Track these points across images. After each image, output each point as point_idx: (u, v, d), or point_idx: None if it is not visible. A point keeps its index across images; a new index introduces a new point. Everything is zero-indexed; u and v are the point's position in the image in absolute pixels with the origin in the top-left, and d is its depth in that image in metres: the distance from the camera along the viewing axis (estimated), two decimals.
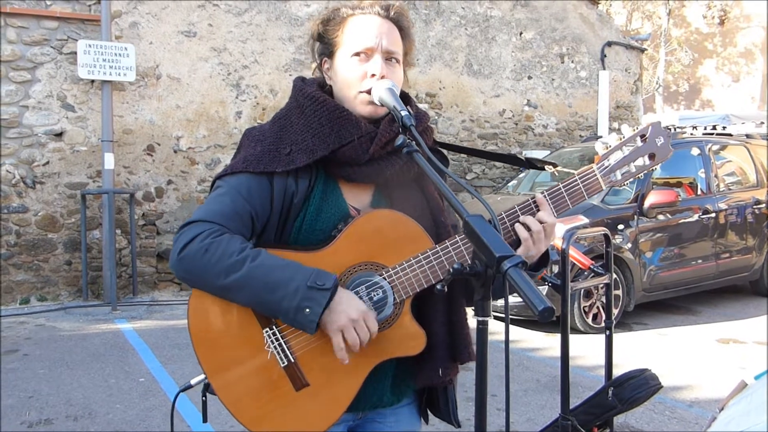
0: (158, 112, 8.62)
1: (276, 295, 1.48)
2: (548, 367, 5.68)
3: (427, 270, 1.59)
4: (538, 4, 11.44)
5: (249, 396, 1.59)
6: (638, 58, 12.85)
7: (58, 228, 8.16)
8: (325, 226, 1.64)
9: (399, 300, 1.60)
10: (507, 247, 1.21)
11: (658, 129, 1.70)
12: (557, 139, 11.63)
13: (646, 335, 6.78)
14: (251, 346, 1.58)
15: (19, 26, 7.87)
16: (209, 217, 1.57)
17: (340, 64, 1.68)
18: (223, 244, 1.51)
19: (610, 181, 1.69)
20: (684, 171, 8.14)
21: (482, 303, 1.28)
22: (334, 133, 1.62)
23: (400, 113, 1.52)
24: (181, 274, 1.55)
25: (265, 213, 1.62)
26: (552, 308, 1.09)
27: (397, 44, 1.69)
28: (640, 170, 1.70)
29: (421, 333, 1.63)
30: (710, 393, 5.05)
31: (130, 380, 5.28)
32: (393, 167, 1.65)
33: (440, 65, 10.55)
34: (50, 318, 7.37)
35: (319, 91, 1.70)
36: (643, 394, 2.83)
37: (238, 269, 1.49)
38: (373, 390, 1.68)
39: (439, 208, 1.73)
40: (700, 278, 7.76)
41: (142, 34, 8.48)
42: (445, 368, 1.68)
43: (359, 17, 1.67)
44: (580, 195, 1.68)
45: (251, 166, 1.62)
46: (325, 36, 1.71)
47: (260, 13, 9.17)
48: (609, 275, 3.26)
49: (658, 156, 1.70)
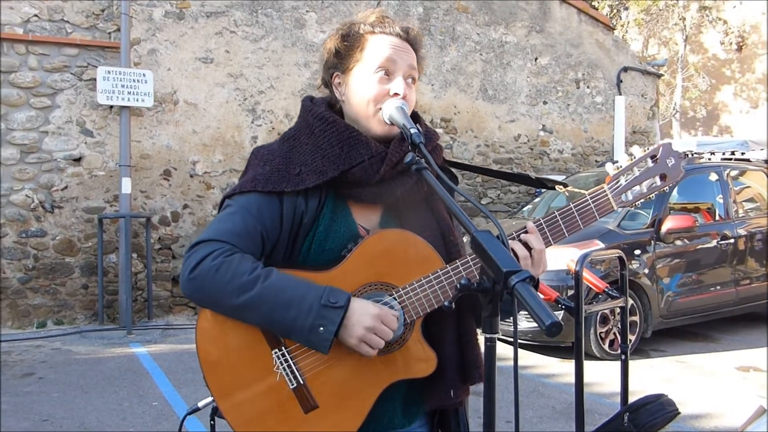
0: (175, 137, 8.70)
1: (289, 314, 1.48)
2: (563, 393, 5.60)
3: (438, 290, 1.57)
4: (553, 30, 11.49)
5: (257, 419, 1.56)
6: (655, 83, 12.83)
7: (76, 252, 8.22)
8: (334, 245, 1.62)
9: (409, 321, 1.58)
10: (515, 262, 1.20)
11: (669, 150, 1.69)
12: (573, 164, 11.59)
13: (664, 362, 6.68)
14: (260, 368, 1.56)
15: (40, 53, 8.01)
16: (219, 236, 1.56)
17: (358, 80, 1.67)
18: (234, 264, 1.50)
19: (622, 202, 1.67)
20: (702, 196, 8.06)
21: (490, 320, 1.27)
22: (344, 154, 1.61)
23: (410, 131, 1.52)
24: (192, 294, 1.55)
25: (275, 232, 1.61)
26: (560, 323, 1.08)
27: (415, 66, 1.70)
28: (651, 191, 1.69)
29: (432, 355, 1.61)
30: (730, 421, 4.95)
31: (143, 404, 5.27)
32: (403, 187, 1.65)
33: (455, 90, 10.59)
34: (66, 342, 7.39)
35: (328, 111, 1.70)
36: (660, 420, 2.78)
37: (250, 289, 1.48)
38: (383, 412, 1.65)
39: (449, 228, 1.72)
40: (719, 305, 7.64)
41: (160, 61, 8.59)
42: (456, 390, 1.66)
43: (381, 36, 1.68)
44: (591, 215, 1.66)
45: (260, 185, 1.61)
46: (342, 51, 1.70)
47: (276, 39, 9.28)
48: (624, 298, 3.22)
49: (669, 177, 1.69)
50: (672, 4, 24.62)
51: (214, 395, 1.59)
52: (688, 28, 25.33)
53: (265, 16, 9.20)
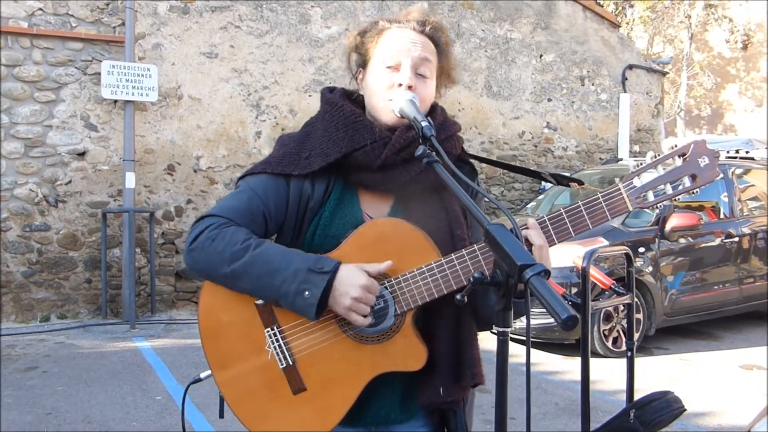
0: (179, 132, 8.70)
1: (276, 279, 1.51)
2: (567, 390, 5.60)
3: (431, 284, 1.55)
4: (558, 26, 11.46)
5: (249, 394, 1.60)
6: (660, 81, 12.80)
7: (79, 246, 8.22)
8: (338, 232, 1.64)
9: (400, 312, 1.57)
10: (529, 255, 1.19)
11: (703, 148, 1.57)
12: (577, 161, 11.57)
13: (668, 360, 6.67)
14: (253, 345, 1.59)
15: (44, 47, 8.00)
16: (221, 212, 1.62)
17: (371, 74, 1.70)
18: (228, 234, 1.56)
19: (642, 202, 1.55)
20: (706, 194, 8.01)
21: (503, 314, 1.26)
22: (347, 137, 1.64)
23: (420, 124, 1.51)
24: (192, 264, 1.60)
25: (280, 214, 1.66)
26: (576, 317, 1.07)
27: (429, 59, 1.68)
28: (679, 192, 1.56)
29: (422, 349, 1.59)
30: (734, 419, 4.94)
31: (147, 398, 5.27)
32: (408, 174, 1.63)
33: (460, 87, 10.56)
34: (70, 336, 7.40)
35: (339, 97, 1.74)
36: (666, 417, 2.76)
37: (240, 256, 1.53)
38: (380, 405, 1.66)
39: (459, 223, 1.68)
40: (722, 303, 7.63)
41: (164, 56, 8.58)
42: (446, 388, 1.62)
43: (395, 30, 1.69)
44: (602, 214, 1.55)
45: (270, 167, 1.67)
46: (361, 47, 1.73)
47: (281, 34, 9.26)
48: (631, 295, 3.21)
49: (700, 178, 1.55)
50: (677, 2, 24.56)
51: (210, 366, 1.62)
52: (693, 25, 25.29)
53: (270, 11, 9.19)
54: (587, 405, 2.86)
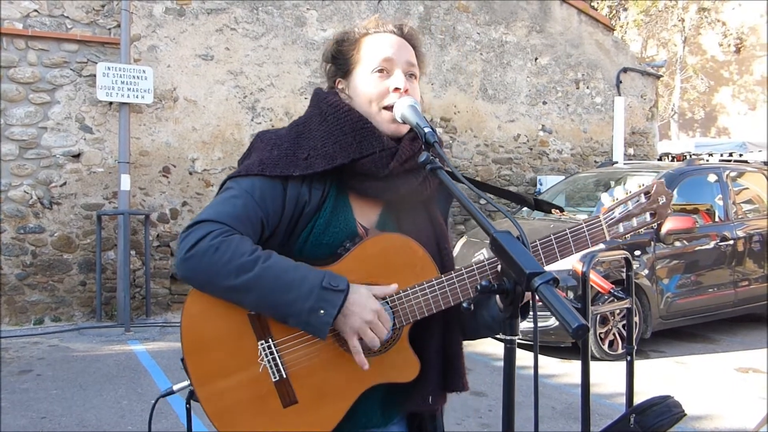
0: (174, 134, 8.67)
1: (289, 296, 1.46)
2: (564, 394, 5.59)
3: (431, 299, 1.56)
4: (553, 30, 11.48)
5: (234, 408, 1.55)
6: (654, 84, 12.84)
7: (74, 249, 8.19)
8: (331, 240, 1.61)
9: (399, 326, 1.58)
10: (536, 263, 1.18)
11: (662, 189, 1.73)
12: (572, 164, 11.60)
13: (664, 363, 6.68)
14: (243, 358, 1.54)
15: (39, 49, 7.97)
16: (219, 218, 1.53)
17: (359, 81, 1.67)
18: (234, 244, 1.48)
19: (615, 233, 1.69)
20: (701, 197, 8.05)
21: (510, 321, 1.25)
22: (356, 143, 1.60)
23: (424, 130, 1.51)
24: (187, 273, 1.50)
25: (276, 218, 1.59)
26: (587, 326, 1.06)
27: (414, 62, 1.70)
28: (641, 225, 1.73)
29: (416, 361, 1.61)
30: (730, 422, 4.95)
31: (142, 401, 5.25)
32: (408, 186, 1.64)
33: (455, 90, 10.58)
34: (64, 338, 7.36)
35: (341, 101, 1.69)
36: (667, 422, 2.77)
37: (249, 269, 1.46)
38: (362, 412, 1.65)
39: (443, 235, 1.73)
40: (718, 306, 7.65)
41: (160, 58, 8.56)
42: (435, 396, 1.66)
43: (375, 36, 1.69)
44: (584, 242, 1.68)
45: (267, 169, 1.59)
46: (339, 56, 1.71)
47: (277, 37, 9.25)
48: (630, 299, 3.20)
49: (657, 215, 1.73)
50: (671, 6, 24.66)
51: (193, 380, 1.55)
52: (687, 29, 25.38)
53: (265, 14, 9.18)
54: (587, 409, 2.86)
